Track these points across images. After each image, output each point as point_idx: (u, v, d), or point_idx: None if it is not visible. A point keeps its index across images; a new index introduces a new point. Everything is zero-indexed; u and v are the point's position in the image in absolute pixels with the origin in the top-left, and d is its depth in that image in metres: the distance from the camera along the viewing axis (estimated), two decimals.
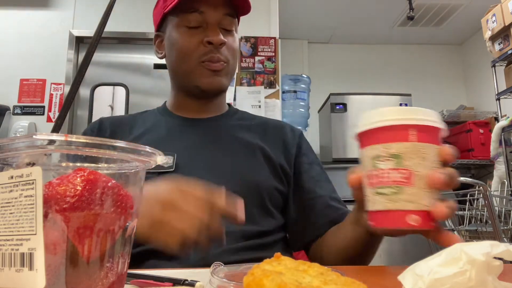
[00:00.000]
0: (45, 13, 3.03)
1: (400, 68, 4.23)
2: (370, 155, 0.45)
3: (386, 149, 0.43)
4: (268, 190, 0.74)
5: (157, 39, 0.85)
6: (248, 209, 0.65)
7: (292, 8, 3.60)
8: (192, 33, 0.75)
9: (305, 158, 0.81)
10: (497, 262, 0.27)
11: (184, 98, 0.83)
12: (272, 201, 0.74)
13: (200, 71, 0.75)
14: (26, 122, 2.80)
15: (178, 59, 0.77)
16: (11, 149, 0.27)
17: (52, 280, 0.27)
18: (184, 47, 0.75)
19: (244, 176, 0.72)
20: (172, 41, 0.78)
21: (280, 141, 0.81)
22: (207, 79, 0.76)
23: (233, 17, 0.78)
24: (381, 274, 0.54)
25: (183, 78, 0.79)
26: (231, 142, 0.78)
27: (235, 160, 0.75)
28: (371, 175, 0.45)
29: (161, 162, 0.34)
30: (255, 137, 0.79)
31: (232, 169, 0.73)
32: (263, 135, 0.81)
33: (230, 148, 0.77)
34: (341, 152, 2.85)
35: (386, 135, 0.44)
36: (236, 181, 0.70)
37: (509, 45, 2.68)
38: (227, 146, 0.77)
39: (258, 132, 0.82)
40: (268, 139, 0.80)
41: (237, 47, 0.80)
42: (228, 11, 0.76)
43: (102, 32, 0.39)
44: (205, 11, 0.74)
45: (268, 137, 0.81)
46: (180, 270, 0.51)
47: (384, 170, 0.43)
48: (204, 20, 0.75)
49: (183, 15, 0.75)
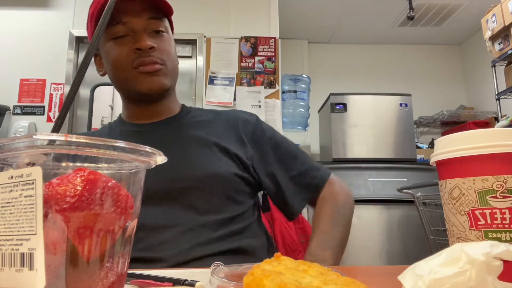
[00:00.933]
0: (45, 13, 3.02)
1: (400, 68, 4.23)
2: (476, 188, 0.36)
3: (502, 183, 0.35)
4: (227, 178, 0.76)
5: (95, 58, 0.87)
6: (210, 200, 0.72)
7: (292, 8, 3.60)
8: (121, 43, 0.77)
9: (266, 141, 0.84)
10: (497, 262, 0.27)
11: (133, 106, 0.84)
12: (234, 188, 0.77)
13: (136, 76, 0.77)
14: (26, 122, 2.80)
15: (114, 70, 0.79)
16: (11, 149, 0.27)
17: (52, 280, 0.27)
18: (116, 58, 0.77)
19: (200, 170, 0.75)
20: (106, 56, 0.80)
21: (232, 131, 0.84)
22: (145, 82, 0.77)
23: (159, 20, 0.79)
24: (381, 274, 0.54)
25: (124, 87, 0.81)
26: (184, 141, 0.80)
27: (189, 157, 0.77)
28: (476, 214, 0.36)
29: (161, 162, 0.34)
30: (207, 132, 0.82)
31: (187, 166, 0.75)
32: (215, 128, 0.84)
33: (183, 146, 0.79)
34: (341, 152, 2.85)
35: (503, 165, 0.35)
36: (193, 176, 0.74)
37: (509, 45, 2.68)
38: (179, 146, 0.79)
39: (210, 127, 0.84)
40: (220, 131, 0.83)
41: (170, 47, 0.81)
42: (152, 15, 0.77)
43: (102, 32, 0.39)
44: (127, 20, 0.76)
45: (220, 129, 0.84)
46: (180, 270, 0.51)
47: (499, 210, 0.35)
48: (130, 29, 0.76)
49: (109, 29, 0.76)
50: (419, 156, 3.14)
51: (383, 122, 2.92)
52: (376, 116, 2.92)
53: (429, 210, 2.01)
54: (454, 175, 0.38)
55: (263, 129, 0.87)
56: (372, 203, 2.64)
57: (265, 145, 0.84)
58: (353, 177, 2.72)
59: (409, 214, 2.60)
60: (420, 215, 2.04)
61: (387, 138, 2.89)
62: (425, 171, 2.75)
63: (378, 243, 2.57)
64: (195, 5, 3.08)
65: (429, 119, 3.83)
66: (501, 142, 0.35)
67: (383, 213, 2.63)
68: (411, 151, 2.89)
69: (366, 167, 2.76)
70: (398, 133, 2.90)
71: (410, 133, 2.92)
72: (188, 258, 0.68)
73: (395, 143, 2.88)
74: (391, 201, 2.63)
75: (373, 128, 2.90)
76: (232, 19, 3.09)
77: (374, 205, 2.64)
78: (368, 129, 2.89)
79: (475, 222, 0.36)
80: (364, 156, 2.84)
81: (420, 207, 2.03)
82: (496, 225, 0.35)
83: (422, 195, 2.03)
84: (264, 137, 0.85)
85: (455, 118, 3.78)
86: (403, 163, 2.81)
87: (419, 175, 2.70)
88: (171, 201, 0.73)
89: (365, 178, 2.71)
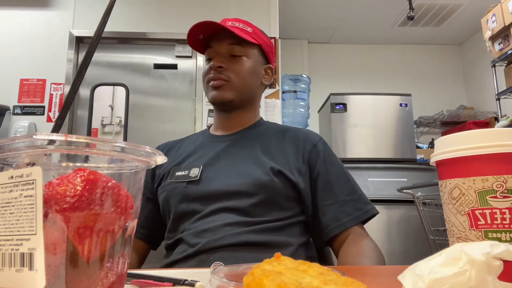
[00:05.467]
0: (45, 13, 3.02)
1: (400, 68, 4.23)
2: (476, 188, 0.36)
3: (502, 183, 0.35)
4: (277, 187, 0.84)
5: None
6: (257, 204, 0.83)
7: (292, 8, 3.60)
8: (208, 63, 0.96)
9: (320, 163, 0.91)
10: (497, 262, 0.27)
11: (215, 117, 1.03)
12: (281, 195, 0.85)
13: (207, 89, 0.96)
14: (26, 122, 2.80)
15: (202, 84, 0.99)
16: (11, 149, 0.27)
17: (52, 280, 0.27)
18: (203, 74, 0.97)
19: (253, 177, 0.84)
20: None
21: (293, 146, 0.92)
22: (211, 94, 0.94)
23: (239, 45, 0.94)
24: (381, 274, 0.54)
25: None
26: (246, 150, 0.92)
27: (244, 165, 0.88)
28: (476, 214, 0.36)
29: (161, 162, 0.34)
30: (270, 143, 0.93)
31: (243, 173, 0.86)
32: (277, 141, 0.94)
33: (243, 156, 0.91)
34: (341, 152, 2.85)
35: (503, 165, 0.35)
36: (247, 182, 0.84)
37: (509, 45, 2.68)
38: (240, 155, 0.91)
39: (273, 139, 0.94)
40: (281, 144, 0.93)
41: (242, 68, 0.94)
42: (233, 41, 0.93)
43: (102, 32, 0.39)
44: (213, 45, 0.95)
45: (281, 142, 0.93)
46: (180, 270, 0.51)
47: (499, 210, 0.35)
48: (215, 52, 0.95)
49: (206, 51, 0.98)
50: (419, 156, 3.14)
51: (383, 122, 2.91)
52: (376, 116, 2.92)
53: (429, 210, 2.01)
54: (454, 175, 0.38)
55: (326, 151, 0.94)
56: (372, 203, 2.64)
57: (318, 164, 0.90)
58: (353, 177, 2.72)
59: (409, 214, 2.60)
60: (420, 215, 2.04)
61: (387, 138, 2.89)
62: (425, 171, 2.75)
63: (378, 243, 2.56)
64: (195, 5, 3.08)
65: (429, 119, 3.83)
66: (501, 142, 0.35)
67: (383, 213, 2.63)
68: (411, 151, 2.88)
69: (366, 167, 2.76)
70: (398, 133, 2.90)
71: (410, 133, 2.92)
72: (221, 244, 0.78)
73: (395, 143, 2.88)
74: (391, 201, 2.63)
75: (373, 128, 2.90)
76: None
77: (374, 205, 2.64)
78: (368, 129, 2.89)
79: (475, 222, 0.36)
80: (364, 156, 2.84)
81: (420, 207, 2.03)
82: (496, 225, 0.35)
83: (422, 195, 2.03)
84: (318, 158, 0.91)
85: (455, 118, 3.78)
86: (403, 163, 2.81)
87: (419, 175, 2.70)
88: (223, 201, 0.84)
89: (365, 178, 2.71)
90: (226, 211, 0.82)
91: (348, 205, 0.86)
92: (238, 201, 0.82)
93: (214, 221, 0.81)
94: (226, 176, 0.86)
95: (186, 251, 0.79)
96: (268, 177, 0.84)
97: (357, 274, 0.52)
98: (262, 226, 0.80)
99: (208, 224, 0.81)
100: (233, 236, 0.78)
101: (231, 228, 0.79)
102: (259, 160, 0.88)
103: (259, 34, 0.98)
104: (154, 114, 2.93)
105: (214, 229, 0.80)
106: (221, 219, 0.81)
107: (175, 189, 0.87)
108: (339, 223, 0.84)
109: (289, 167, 0.87)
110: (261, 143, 0.93)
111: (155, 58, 3.04)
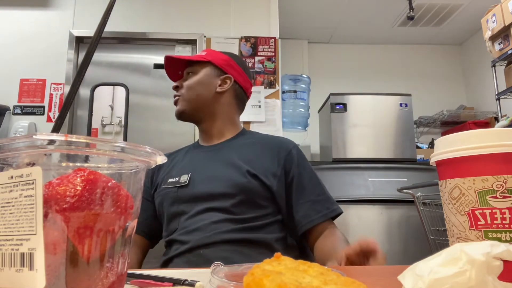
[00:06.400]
0: (45, 13, 3.02)
1: (400, 68, 4.23)
2: (476, 188, 0.36)
3: (502, 183, 0.35)
4: (253, 188, 0.94)
5: None
6: (238, 203, 0.93)
7: (292, 8, 3.60)
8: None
9: (295, 167, 1.00)
10: (497, 262, 0.27)
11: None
12: (257, 195, 0.95)
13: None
14: (26, 122, 2.80)
15: None
16: (11, 149, 0.27)
17: (52, 280, 0.27)
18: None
19: (233, 180, 0.95)
20: None
21: (270, 152, 1.02)
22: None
23: (191, 66, 1.10)
24: (381, 274, 0.54)
25: None
26: (227, 158, 1.02)
27: (225, 170, 0.99)
28: (476, 214, 0.36)
29: (161, 162, 0.35)
30: (248, 151, 1.03)
31: (224, 177, 0.97)
32: (256, 149, 1.04)
33: (224, 163, 1.01)
34: (341, 152, 2.85)
35: (503, 165, 0.35)
36: (227, 184, 0.95)
37: (509, 45, 2.68)
38: (222, 162, 1.02)
39: (251, 148, 1.05)
40: (259, 152, 1.03)
41: (191, 82, 1.08)
42: (186, 65, 1.11)
43: (102, 32, 0.39)
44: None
45: (260, 150, 1.04)
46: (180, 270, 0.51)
47: (499, 210, 0.35)
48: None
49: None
50: (419, 156, 3.14)
51: (383, 122, 2.91)
52: (376, 116, 2.92)
53: (429, 210, 2.01)
54: (454, 175, 0.38)
55: (299, 157, 1.03)
56: (372, 203, 2.64)
57: (293, 169, 1.00)
58: (353, 177, 2.72)
59: (409, 214, 2.60)
60: (420, 215, 2.04)
61: (387, 138, 2.89)
62: (425, 171, 2.75)
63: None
64: (195, 5, 3.08)
65: (429, 119, 3.83)
66: (501, 142, 0.35)
67: (383, 213, 2.63)
68: (411, 151, 2.88)
69: (366, 167, 2.76)
70: (398, 133, 2.90)
71: (410, 133, 2.92)
72: (209, 241, 0.89)
73: (395, 143, 2.88)
74: (391, 201, 2.63)
75: (373, 128, 2.90)
76: (232, 19, 3.09)
77: (374, 205, 2.64)
78: (368, 129, 2.89)
79: (475, 222, 0.36)
80: (364, 156, 2.84)
81: (420, 207, 2.03)
82: (496, 225, 0.35)
83: (422, 195, 2.03)
84: (292, 163, 1.01)
85: (455, 118, 3.78)
86: (403, 163, 2.81)
87: (419, 175, 2.70)
88: (209, 202, 0.95)
89: (365, 178, 2.71)
90: (212, 210, 0.93)
91: (318, 204, 0.96)
92: (222, 201, 0.93)
93: (202, 220, 0.92)
94: (211, 180, 0.97)
95: (179, 248, 0.91)
96: (246, 179, 0.95)
97: (357, 274, 0.52)
98: (244, 226, 0.91)
99: (197, 223, 0.92)
100: (219, 234, 0.89)
101: (216, 225, 0.91)
102: (237, 165, 0.98)
103: (211, 53, 1.12)
104: (154, 114, 2.93)
105: (203, 228, 0.91)
106: (208, 218, 0.92)
107: (167, 193, 1.00)
108: (310, 219, 0.94)
109: (264, 171, 0.97)
110: (240, 152, 1.03)
111: (155, 58, 3.04)
